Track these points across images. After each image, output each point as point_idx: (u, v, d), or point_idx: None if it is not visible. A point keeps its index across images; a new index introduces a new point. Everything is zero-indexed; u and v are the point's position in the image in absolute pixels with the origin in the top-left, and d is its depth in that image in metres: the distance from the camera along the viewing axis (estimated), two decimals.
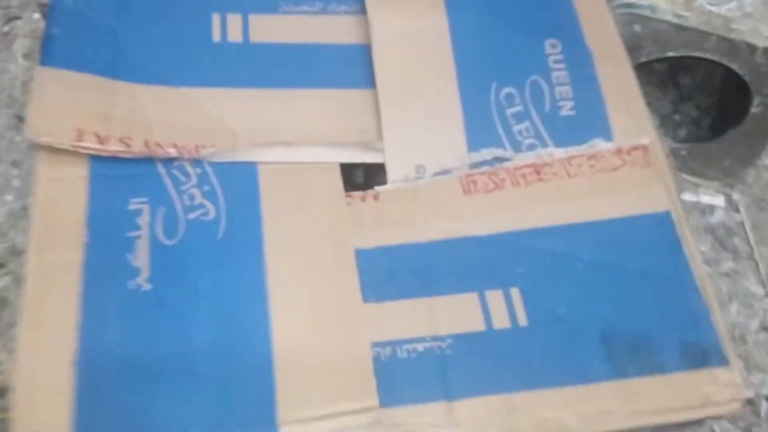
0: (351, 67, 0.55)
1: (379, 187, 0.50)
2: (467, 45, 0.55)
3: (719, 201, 0.59)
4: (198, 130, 0.50)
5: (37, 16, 0.60)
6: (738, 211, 0.61)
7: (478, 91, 0.54)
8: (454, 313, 0.45)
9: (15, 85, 0.59)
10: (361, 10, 0.57)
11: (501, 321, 0.45)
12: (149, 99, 0.51)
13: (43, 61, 0.50)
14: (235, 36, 0.56)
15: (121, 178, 0.48)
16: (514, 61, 0.55)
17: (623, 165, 0.51)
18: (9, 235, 0.47)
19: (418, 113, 0.52)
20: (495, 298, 0.46)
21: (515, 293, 0.46)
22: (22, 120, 0.50)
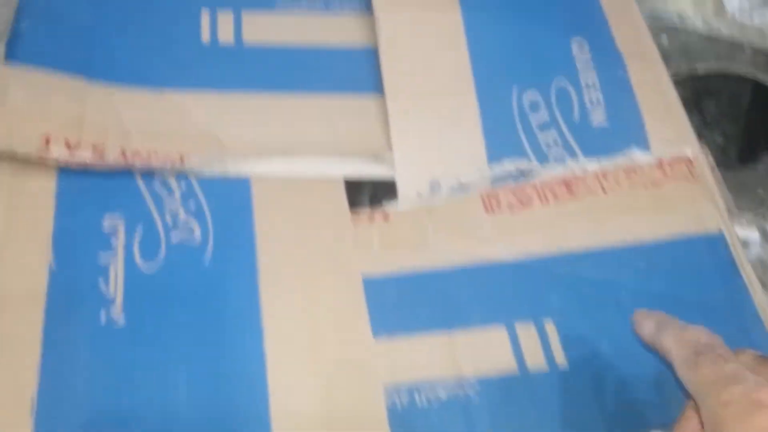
0: (356, 71, 0.49)
1: (388, 206, 0.44)
2: (484, 43, 0.49)
3: (754, 235, 0.53)
4: (182, 138, 0.44)
5: None
6: None
7: (497, 95, 0.48)
8: (480, 351, 0.39)
9: None
10: (366, 9, 0.52)
11: (536, 360, 0.39)
12: (127, 102, 0.45)
13: (8, 58, 0.45)
14: (226, 36, 0.50)
15: (93, 192, 0.42)
16: (536, 62, 0.49)
17: (665, 179, 0.45)
18: None
19: (431, 120, 0.46)
20: (527, 332, 0.40)
21: (550, 327, 0.40)
22: None
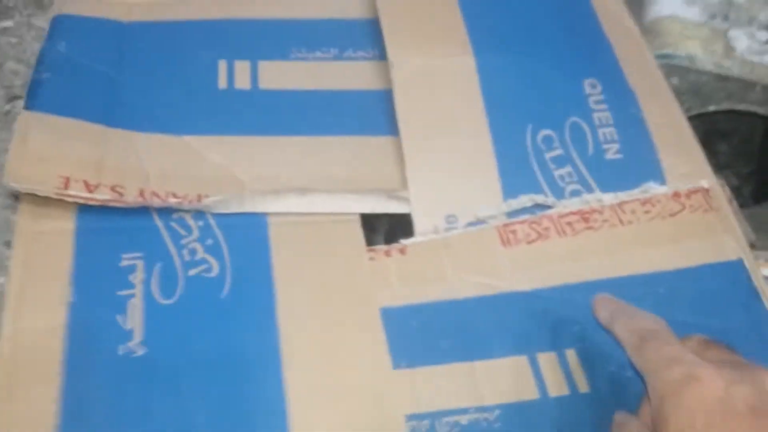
0: (370, 114, 0.50)
1: (405, 240, 0.44)
2: (497, 86, 0.49)
3: None
4: (200, 179, 0.45)
5: None
6: None
7: (512, 134, 0.48)
8: (501, 380, 0.38)
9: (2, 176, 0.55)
10: (379, 56, 0.53)
11: (557, 387, 0.38)
12: (146, 146, 0.46)
13: (28, 106, 0.45)
14: (243, 83, 0.51)
15: (112, 232, 0.42)
16: (550, 103, 0.49)
17: (683, 210, 0.45)
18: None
19: (446, 158, 0.47)
20: (548, 361, 0.39)
21: (571, 355, 0.39)
22: (18, 199, 0.45)
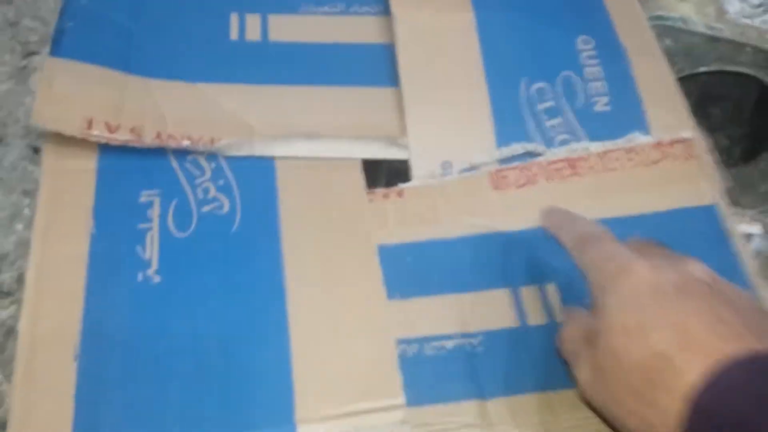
0: (374, 66, 0.53)
1: (403, 184, 0.48)
2: (495, 41, 0.52)
3: (756, 229, 0.55)
4: (213, 124, 0.48)
5: None
6: None
7: (507, 86, 0.51)
8: (485, 310, 0.42)
9: (30, 117, 0.58)
10: (384, 11, 0.55)
11: (537, 317, 0.42)
12: (163, 93, 0.49)
13: (53, 52, 0.49)
14: (253, 35, 0.54)
15: (131, 171, 0.46)
16: (544, 57, 0.52)
17: (664, 158, 0.48)
18: (17, 263, 0.45)
19: (443, 108, 0.50)
20: (530, 294, 0.42)
21: (551, 289, 0.43)
22: (36, 151, 0.49)
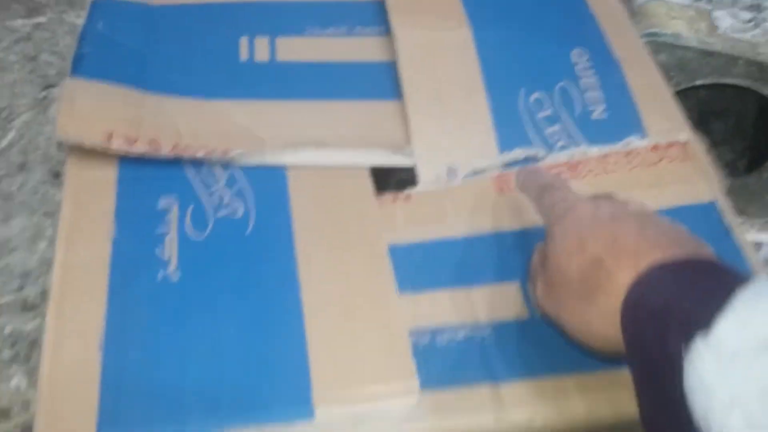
0: (377, 81, 0.55)
1: (410, 189, 0.49)
2: (493, 55, 0.55)
3: (766, 237, 0.56)
4: (226, 136, 0.50)
5: None
6: None
7: (506, 96, 0.53)
8: (494, 302, 0.43)
9: (50, 144, 0.60)
10: (386, 32, 0.58)
11: None
12: (178, 108, 0.51)
13: (73, 73, 0.51)
14: (262, 56, 0.56)
15: (150, 180, 0.48)
16: (541, 70, 0.54)
17: (661, 160, 0.49)
18: (41, 280, 0.47)
19: (446, 118, 0.52)
20: None
21: None
22: (57, 176, 0.51)
